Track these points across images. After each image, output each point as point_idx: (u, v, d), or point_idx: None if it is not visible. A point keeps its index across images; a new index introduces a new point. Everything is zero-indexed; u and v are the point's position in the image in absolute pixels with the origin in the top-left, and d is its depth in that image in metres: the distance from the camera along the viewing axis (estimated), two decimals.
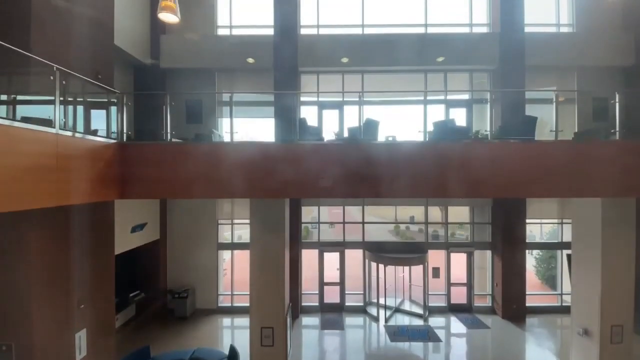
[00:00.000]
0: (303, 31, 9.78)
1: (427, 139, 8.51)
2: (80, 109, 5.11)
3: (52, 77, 3.97)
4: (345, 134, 6.01)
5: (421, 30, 9.80)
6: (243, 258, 8.71)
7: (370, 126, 5.60)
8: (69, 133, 4.17)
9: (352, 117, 9.82)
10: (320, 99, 9.89)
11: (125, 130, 5.28)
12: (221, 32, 9.88)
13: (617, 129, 5.51)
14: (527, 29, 9.27)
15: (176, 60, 9.28)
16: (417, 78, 9.84)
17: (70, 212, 5.09)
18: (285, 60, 9.19)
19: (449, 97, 9.91)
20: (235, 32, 9.86)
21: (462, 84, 9.91)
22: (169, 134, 5.37)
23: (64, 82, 4.13)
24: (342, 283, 9.93)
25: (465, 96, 10.03)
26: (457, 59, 9.28)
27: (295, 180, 5.07)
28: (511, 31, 9.12)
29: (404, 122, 9.94)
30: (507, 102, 9.26)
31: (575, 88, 9.73)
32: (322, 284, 9.97)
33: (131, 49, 8.34)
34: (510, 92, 9.30)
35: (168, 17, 4.44)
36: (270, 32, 9.29)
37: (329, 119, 9.83)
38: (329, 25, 9.89)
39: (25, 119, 3.69)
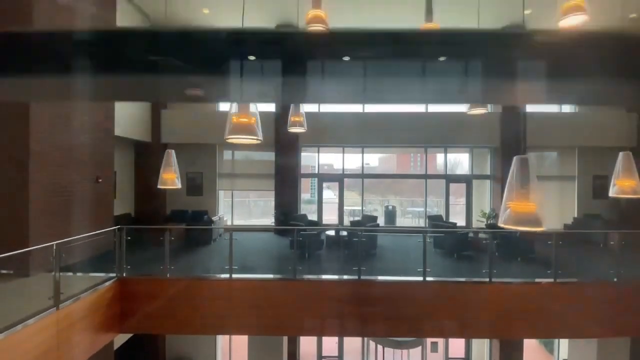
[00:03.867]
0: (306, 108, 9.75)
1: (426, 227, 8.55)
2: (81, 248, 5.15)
3: (51, 257, 4.00)
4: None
5: (422, 106, 9.80)
6: None
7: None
8: (69, 301, 4.19)
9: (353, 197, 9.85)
10: (321, 172, 9.91)
11: (125, 265, 5.30)
12: (222, 106, 9.89)
13: None
14: (528, 107, 9.28)
15: (177, 134, 9.29)
16: (417, 151, 9.86)
17: None
18: (286, 135, 9.20)
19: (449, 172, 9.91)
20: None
21: (463, 159, 9.92)
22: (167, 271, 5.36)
23: (63, 255, 4.16)
24: None
25: (466, 171, 10.03)
26: (457, 138, 9.29)
27: (293, 317, 5.10)
28: (512, 112, 9.12)
29: (404, 190, 9.96)
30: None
31: (576, 166, 9.73)
32: None
33: (131, 134, 8.33)
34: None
35: None
36: (272, 106, 9.31)
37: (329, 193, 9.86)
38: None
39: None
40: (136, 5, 8.24)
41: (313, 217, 9.91)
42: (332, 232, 7.42)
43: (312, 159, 9.98)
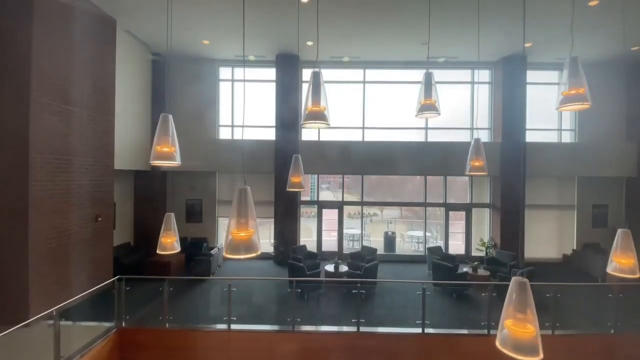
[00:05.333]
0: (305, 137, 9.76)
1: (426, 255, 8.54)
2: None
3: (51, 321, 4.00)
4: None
5: (422, 132, 9.80)
6: None
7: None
8: None
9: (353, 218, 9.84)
10: (320, 199, 9.90)
11: (125, 314, 5.29)
12: (223, 131, 9.88)
13: None
14: (528, 134, 9.29)
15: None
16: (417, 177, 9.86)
17: None
18: (286, 163, 9.19)
19: (449, 201, 9.91)
20: (237, 131, 9.85)
21: (462, 185, 9.92)
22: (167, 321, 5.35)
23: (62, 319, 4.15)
24: None
25: (466, 200, 10.03)
26: (456, 167, 9.27)
27: None
28: (512, 141, 9.11)
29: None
30: (507, 208, 9.26)
31: (576, 195, 9.74)
32: None
33: (131, 165, 8.33)
34: (511, 196, 9.28)
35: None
36: (272, 132, 9.32)
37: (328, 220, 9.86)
38: (332, 127, 9.87)
39: None
40: (136, 37, 8.22)
41: (312, 236, 9.93)
42: (331, 269, 7.40)
43: (313, 186, 9.99)
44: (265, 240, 11.31)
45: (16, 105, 5.15)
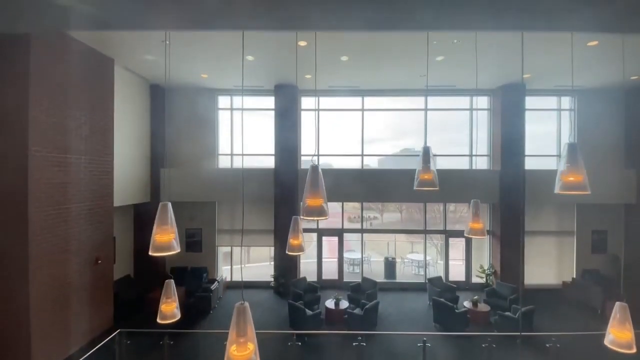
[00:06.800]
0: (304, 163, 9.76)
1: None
2: None
3: None
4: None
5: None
6: None
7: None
8: None
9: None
10: (321, 227, 9.90)
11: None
12: (222, 159, 9.87)
13: None
14: (527, 161, 9.29)
15: (176, 193, 9.23)
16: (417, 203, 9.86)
17: None
18: (285, 191, 9.21)
19: (448, 228, 9.92)
20: (237, 159, 9.84)
21: (462, 211, 9.92)
22: None
23: None
24: None
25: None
26: (456, 195, 9.28)
27: None
28: (511, 169, 9.10)
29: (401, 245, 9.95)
30: (506, 236, 9.27)
31: (575, 222, 9.76)
32: None
33: (131, 200, 8.32)
34: (510, 224, 9.28)
35: None
36: (272, 160, 9.32)
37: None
38: (329, 154, 9.89)
39: None
40: (134, 72, 8.20)
41: (312, 257, 9.94)
42: (331, 305, 7.40)
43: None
44: (265, 263, 11.36)
45: (15, 160, 5.14)
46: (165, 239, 3.09)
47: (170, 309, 4.11)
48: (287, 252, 4.40)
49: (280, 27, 4.36)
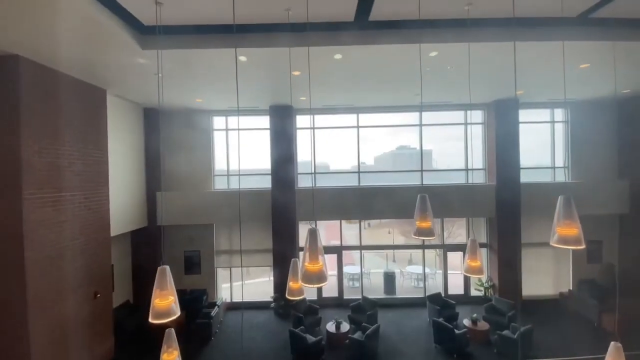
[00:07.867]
0: (302, 183, 9.76)
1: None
2: None
3: None
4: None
5: (417, 178, 9.84)
6: None
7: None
8: None
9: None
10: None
11: None
12: (218, 180, 9.83)
13: None
14: (522, 173, 9.36)
15: (173, 216, 9.19)
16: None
17: None
18: (283, 212, 9.20)
19: (446, 242, 9.99)
20: (233, 179, 9.81)
21: (460, 225, 9.99)
22: None
23: None
24: None
25: (462, 240, 10.11)
26: (453, 210, 9.35)
27: None
28: (507, 182, 9.17)
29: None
30: (504, 249, 9.35)
31: None
32: None
33: (128, 227, 8.27)
34: (507, 237, 9.36)
35: None
36: (268, 179, 9.30)
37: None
38: (327, 172, 9.89)
39: None
40: (127, 99, 8.13)
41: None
42: (332, 329, 7.43)
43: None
44: (265, 278, 11.36)
45: (8, 204, 5.08)
46: (165, 304, 3.16)
47: (171, 358, 4.10)
48: (287, 295, 4.40)
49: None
